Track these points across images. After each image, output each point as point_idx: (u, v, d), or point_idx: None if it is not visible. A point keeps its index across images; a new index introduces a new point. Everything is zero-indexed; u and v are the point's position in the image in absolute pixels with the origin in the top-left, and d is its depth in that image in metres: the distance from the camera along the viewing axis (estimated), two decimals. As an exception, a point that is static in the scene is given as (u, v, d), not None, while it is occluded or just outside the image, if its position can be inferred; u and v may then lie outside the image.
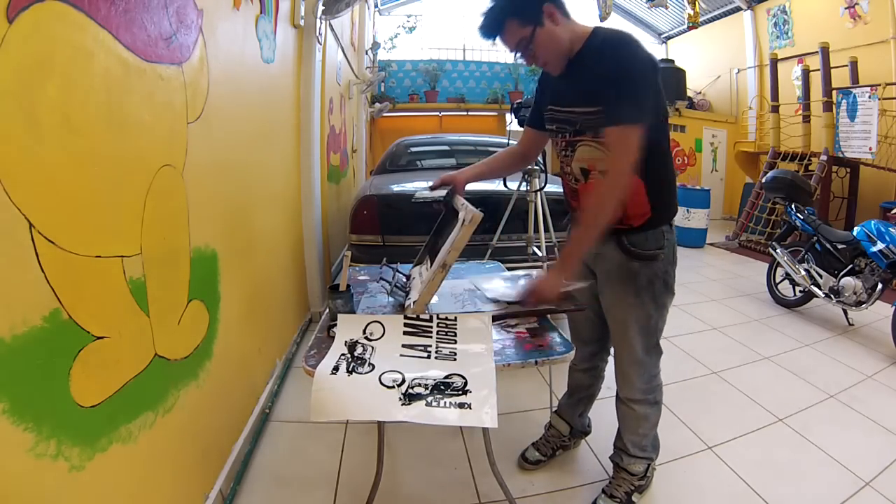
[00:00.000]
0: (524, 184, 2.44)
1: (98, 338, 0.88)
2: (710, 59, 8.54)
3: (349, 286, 1.31)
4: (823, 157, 5.31)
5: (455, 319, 1.18)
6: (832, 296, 3.06)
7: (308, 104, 2.73)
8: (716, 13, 8.09)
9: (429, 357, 1.09)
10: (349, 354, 1.08)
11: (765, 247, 4.92)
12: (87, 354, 0.85)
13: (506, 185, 2.45)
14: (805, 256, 3.38)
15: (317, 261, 2.89)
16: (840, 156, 5.22)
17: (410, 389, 0.99)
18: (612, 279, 1.34)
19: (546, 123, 1.38)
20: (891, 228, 2.82)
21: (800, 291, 3.40)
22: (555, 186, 2.42)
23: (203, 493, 1.34)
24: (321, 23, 2.82)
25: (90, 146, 0.86)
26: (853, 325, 3.11)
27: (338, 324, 1.17)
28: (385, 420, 0.99)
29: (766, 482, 1.60)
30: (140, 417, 1.02)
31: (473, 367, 1.05)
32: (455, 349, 1.11)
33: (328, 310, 1.29)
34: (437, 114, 8.29)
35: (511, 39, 1.19)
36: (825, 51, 5.27)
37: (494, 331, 1.18)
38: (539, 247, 2.42)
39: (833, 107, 5.20)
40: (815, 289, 3.19)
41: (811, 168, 5.64)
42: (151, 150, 1.09)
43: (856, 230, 3.03)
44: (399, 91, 8.19)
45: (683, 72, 8.15)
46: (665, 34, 9.78)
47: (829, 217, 5.52)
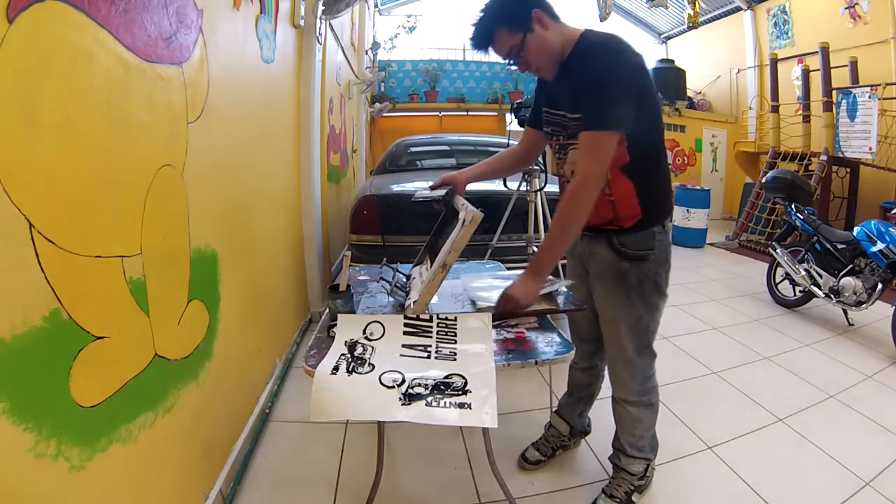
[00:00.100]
0: (524, 184, 2.44)
1: (98, 338, 0.88)
2: (710, 59, 8.54)
3: (349, 286, 1.30)
4: (823, 157, 5.31)
5: (455, 319, 1.18)
6: (832, 296, 3.06)
7: (308, 104, 2.73)
8: (716, 13, 8.09)
9: (429, 357, 1.09)
10: (349, 354, 1.08)
11: (765, 247, 4.93)
12: (87, 354, 0.85)
13: (506, 185, 2.44)
14: (805, 256, 3.38)
15: (317, 261, 2.89)
16: (840, 156, 5.22)
17: (410, 389, 0.99)
18: (604, 279, 1.35)
19: (543, 125, 1.39)
20: (891, 228, 2.82)
21: (800, 291, 3.41)
22: (555, 186, 2.42)
23: (203, 493, 1.34)
24: (321, 23, 2.82)
25: (90, 146, 0.87)
26: (853, 325, 3.11)
27: (338, 324, 1.17)
28: (385, 420, 0.99)
29: (766, 482, 1.60)
30: (140, 417, 1.02)
31: (473, 367, 1.05)
32: (455, 349, 1.11)
33: (328, 310, 1.29)
34: (437, 114, 8.29)
35: (502, 48, 1.20)
36: (825, 51, 5.27)
37: (494, 331, 1.18)
38: (539, 247, 2.42)
39: (833, 107, 5.20)
40: (815, 289, 3.19)
41: (811, 168, 5.64)
42: (151, 150, 1.09)
43: (856, 230, 3.03)
44: (399, 91, 8.18)
45: (683, 72, 8.16)
46: (665, 34, 9.78)
47: (829, 217, 5.52)
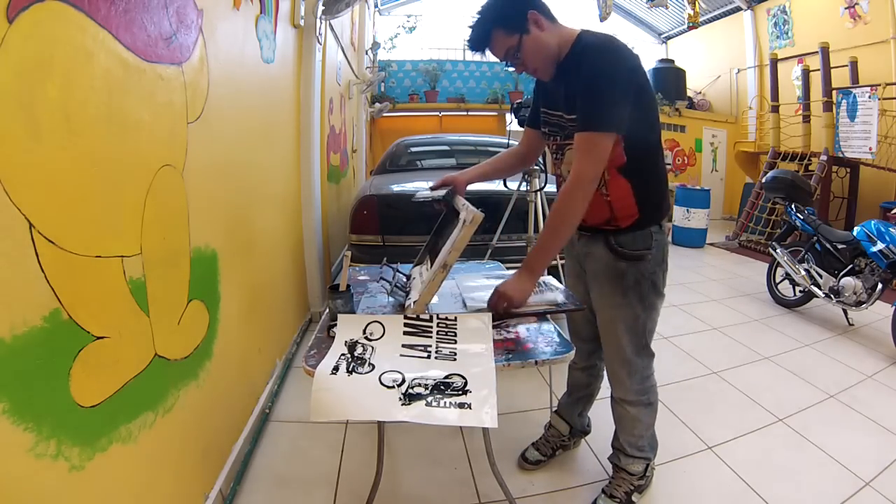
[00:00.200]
0: (524, 184, 2.44)
1: (98, 338, 0.88)
2: (710, 59, 8.54)
3: (349, 286, 1.30)
4: (823, 157, 5.31)
5: (455, 320, 1.18)
6: (832, 296, 3.06)
7: (308, 104, 2.73)
8: (716, 13, 8.09)
9: (429, 357, 1.09)
10: (349, 354, 1.08)
11: (765, 247, 4.92)
12: (87, 354, 0.85)
13: (506, 185, 2.44)
14: (805, 256, 3.38)
15: (317, 261, 2.89)
16: (840, 156, 5.22)
17: (410, 389, 0.99)
18: (601, 279, 1.35)
19: (542, 126, 1.39)
20: (891, 228, 2.82)
21: (800, 291, 3.41)
22: (555, 186, 2.42)
23: (203, 493, 1.34)
24: (321, 23, 2.82)
25: (90, 146, 0.86)
26: (853, 325, 3.11)
27: (338, 324, 1.17)
28: (385, 420, 0.99)
29: (766, 482, 1.60)
30: (140, 417, 1.02)
31: (473, 367, 1.05)
32: (455, 349, 1.11)
33: (328, 310, 1.29)
34: (437, 114, 8.28)
35: (499, 49, 1.20)
36: (825, 51, 5.27)
37: (494, 331, 1.18)
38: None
39: (833, 107, 5.20)
40: (815, 289, 3.19)
41: (811, 168, 5.64)
42: (151, 151, 1.09)
43: (856, 230, 3.03)
44: (399, 91, 8.18)
45: (683, 72, 8.17)
46: (665, 34, 9.77)
47: (829, 217, 5.52)
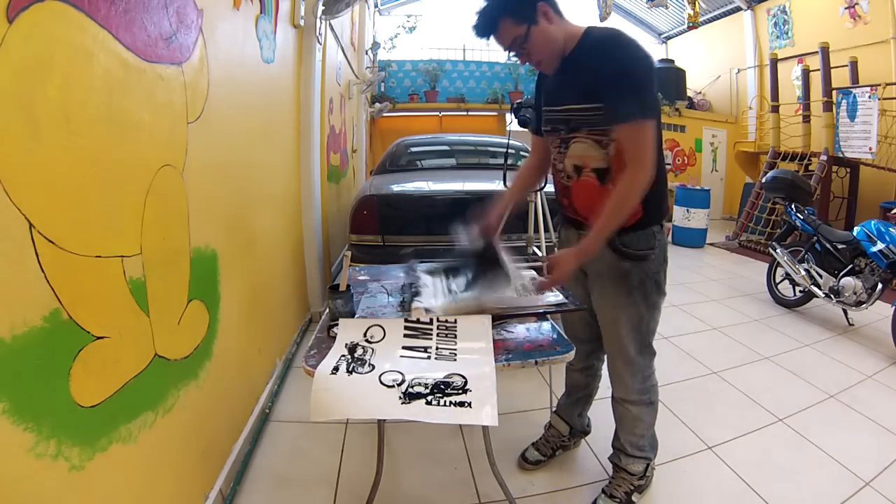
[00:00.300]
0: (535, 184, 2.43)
1: (98, 338, 0.88)
2: (710, 59, 8.54)
3: (349, 286, 1.31)
4: (823, 157, 5.31)
5: (455, 322, 1.18)
6: (832, 296, 3.06)
7: (308, 104, 2.73)
8: (716, 13, 8.09)
9: (429, 357, 1.09)
10: (349, 355, 1.09)
11: (765, 247, 4.92)
12: (87, 354, 0.85)
13: (505, 185, 2.44)
14: (805, 256, 3.38)
15: (317, 261, 2.89)
16: (840, 156, 5.22)
17: (410, 389, 0.99)
18: (604, 279, 1.35)
19: (542, 126, 1.38)
20: (891, 228, 2.82)
21: (800, 291, 3.40)
22: (553, 184, 2.42)
23: (203, 493, 1.34)
24: (321, 23, 2.82)
25: (90, 146, 0.86)
26: (853, 325, 3.11)
27: (339, 327, 1.17)
28: (385, 418, 0.99)
29: (766, 482, 1.60)
30: (140, 417, 1.02)
31: (473, 367, 1.05)
32: (455, 349, 1.11)
33: (328, 310, 1.29)
34: (437, 114, 8.28)
35: (505, 38, 1.18)
36: (825, 51, 5.27)
37: (494, 331, 1.18)
38: (539, 247, 2.42)
39: (833, 107, 5.20)
40: (815, 289, 3.19)
41: (811, 168, 5.64)
42: (151, 151, 1.09)
43: (856, 230, 3.03)
44: (399, 91, 8.18)
45: (683, 72, 8.16)
46: (665, 34, 9.77)
47: (829, 217, 5.51)
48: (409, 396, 0.97)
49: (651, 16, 9.38)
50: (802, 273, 3.31)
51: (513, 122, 2.33)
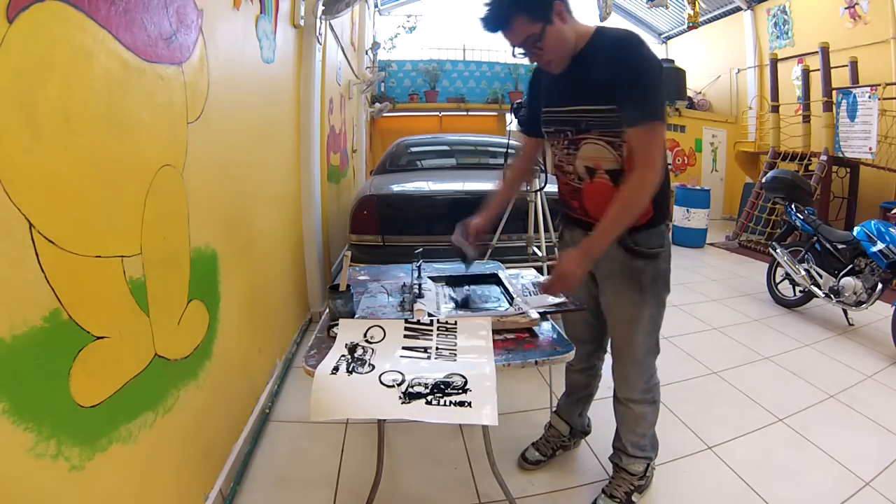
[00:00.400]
0: (524, 184, 2.43)
1: (98, 338, 0.88)
2: (710, 59, 8.54)
3: (349, 286, 1.31)
4: (823, 157, 5.31)
5: (455, 323, 1.18)
6: (832, 296, 3.06)
7: (308, 104, 2.73)
8: (716, 13, 8.09)
9: (429, 357, 1.09)
10: (349, 356, 1.09)
11: (765, 247, 4.92)
12: (87, 354, 0.85)
13: (506, 186, 2.44)
14: (805, 256, 3.38)
15: (317, 261, 2.89)
16: (840, 156, 5.22)
17: (410, 388, 0.99)
18: (616, 279, 1.34)
19: (543, 126, 1.36)
20: (891, 228, 2.82)
21: (800, 291, 3.40)
22: (555, 186, 2.42)
23: (203, 493, 1.34)
24: (321, 23, 2.82)
25: (90, 146, 0.87)
26: (853, 325, 3.11)
27: (339, 328, 1.17)
28: (385, 417, 0.99)
29: (766, 482, 1.60)
30: (140, 417, 1.02)
31: (473, 367, 1.05)
32: (455, 350, 1.11)
33: (328, 310, 1.29)
34: (437, 114, 8.28)
35: (518, 35, 1.15)
36: (825, 51, 5.27)
37: (494, 333, 1.18)
38: (539, 247, 2.42)
39: (833, 107, 5.19)
40: (815, 289, 3.19)
41: (811, 168, 5.64)
42: (151, 151, 1.09)
43: (856, 230, 3.03)
44: (399, 91, 8.18)
45: (683, 72, 8.15)
46: (665, 34, 9.77)
47: (829, 217, 5.51)
48: (409, 396, 0.97)
49: (651, 16, 9.37)
50: (802, 273, 3.31)
51: (513, 122, 2.34)
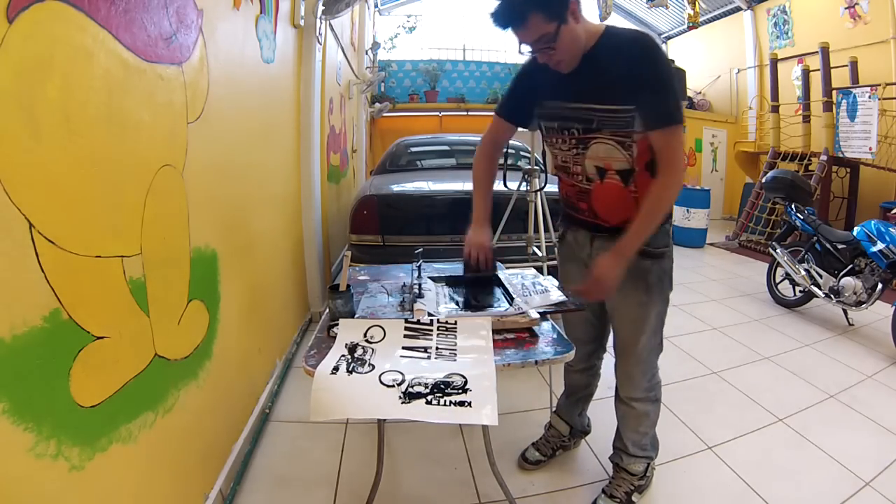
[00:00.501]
0: (524, 184, 2.43)
1: (98, 338, 0.88)
2: (710, 59, 8.54)
3: (349, 286, 1.31)
4: (823, 157, 5.31)
5: (455, 323, 1.18)
6: (832, 296, 3.06)
7: (308, 104, 2.73)
8: (716, 13, 8.09)
9: (429, 357, 1.09)
10: (349, 356, 1.08)
11: (765, 247, 4.92)
12: (87, 354, 0.85)
13: (506, 185, 2.44)
14: (805, 256, 3.38)
15: (317, 261, 2.89)
16: (840, 156, 5.22)
17: (410, 388, 0.99)
18: (622, 279, 1.32)
19: (541, 120, 1.34)
20: (891, 228, 2.82)
21: (800, 291, 3.40)
22: (555, 186, 2.41)
23: (203, 493, 1.34)
24: (321, 23, 2.82)
25: (90, 146, 0.86)
26: (853, 325, 3.11)
27: (339, 328, 1.17)
28: (385, 417, 0.99)
29: (766, 482, 1.60)
30: (140, 417, 1.02)
31: (473, 367, 1.05)
32: (455, 350, 1.11)
33: (328, 310, 1.29)
34: (437, 114, 8.28)
35: (532, 34, 1.12)
36: (825, 51, 5.27)
37: (494, 333, 1.18)
38: (539, 247, 2.42)
39: (833, 107, 5.20)
40: (815, 289, 3.19)
41: (811, 168, 5.64)
42: (151, 151, 1.09)
43: (856, 230, 3.03)
44: (399, 91, 8.18)
45: (683, 72, 8.14)
46: (665, 34, 9.77)
47: (829, 217, 5.52)
48: (409, 396, 0.97)
49: (651, 16, 9.37)
50: (802, 273, 3.31)
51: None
